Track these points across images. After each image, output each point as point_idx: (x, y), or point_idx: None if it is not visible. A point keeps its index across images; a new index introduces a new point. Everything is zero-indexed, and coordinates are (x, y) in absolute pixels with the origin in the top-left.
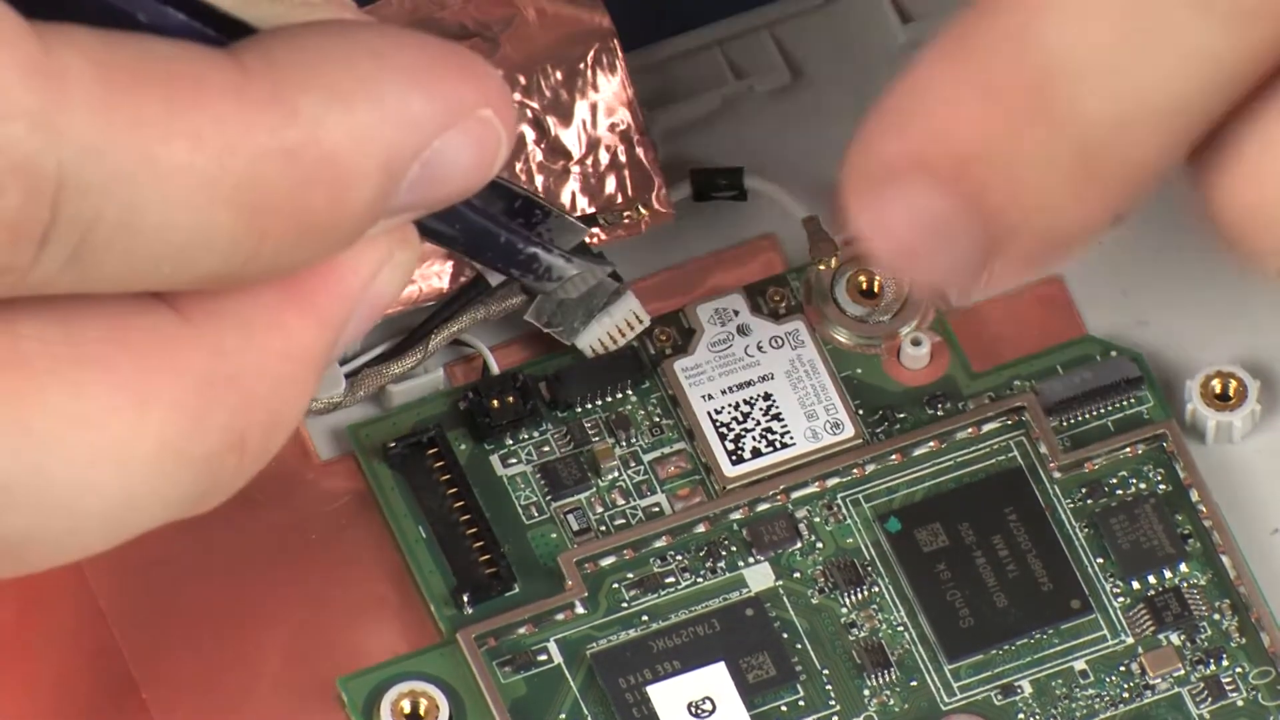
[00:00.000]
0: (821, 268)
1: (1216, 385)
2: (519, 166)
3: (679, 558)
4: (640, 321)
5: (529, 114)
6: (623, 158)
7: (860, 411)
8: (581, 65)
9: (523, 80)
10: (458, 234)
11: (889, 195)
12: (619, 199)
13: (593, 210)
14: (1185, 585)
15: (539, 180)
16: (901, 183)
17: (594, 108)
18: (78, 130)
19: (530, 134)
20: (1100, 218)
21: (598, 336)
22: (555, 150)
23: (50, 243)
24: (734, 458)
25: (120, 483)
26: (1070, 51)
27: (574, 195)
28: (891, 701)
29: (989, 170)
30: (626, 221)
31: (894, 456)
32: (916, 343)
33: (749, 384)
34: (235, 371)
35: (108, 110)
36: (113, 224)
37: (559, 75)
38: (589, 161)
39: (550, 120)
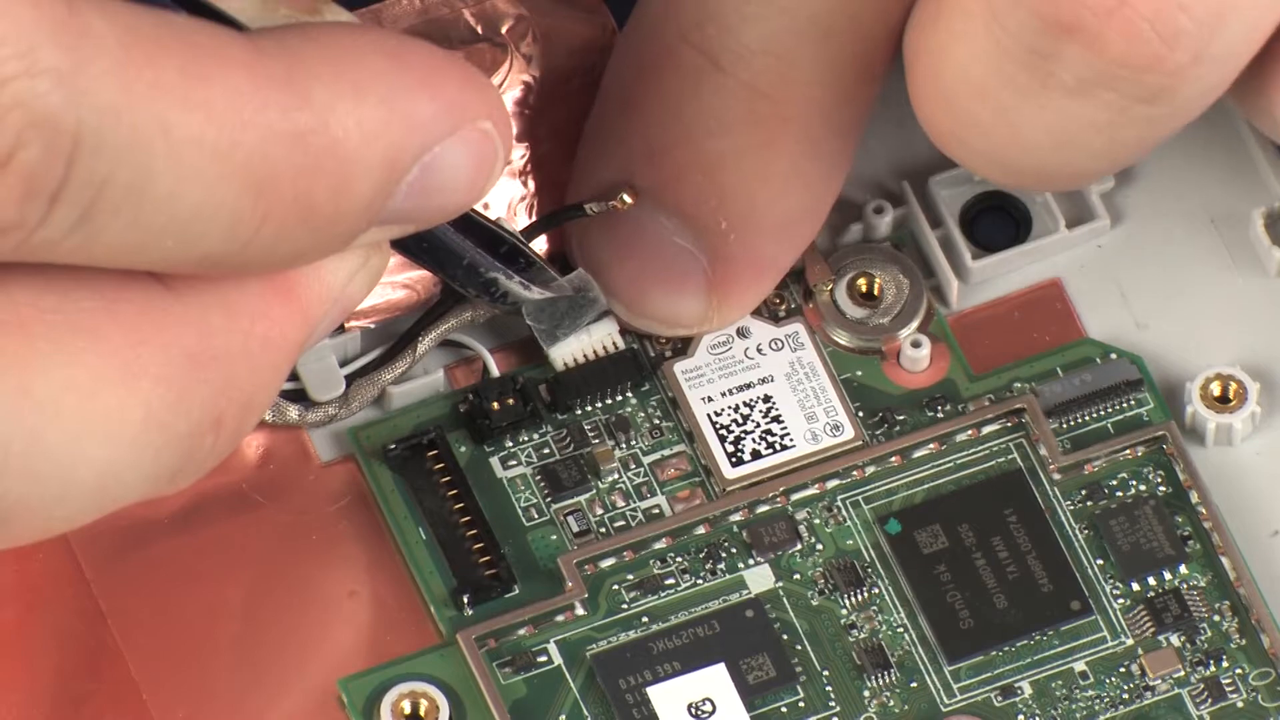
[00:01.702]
0: (825, 288)
1: (1216, 388)
2: (520, 167)
3: (679, 559)
4: (616, 348)
5: (535, 124)
6: None
7: (860, 414)
8: (589, 75)
9: (531, 88)
10: (425, 248)
11: (621, 224)
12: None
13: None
14: (1185, 587)
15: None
16: (637, 209)
17: None
18: (99, 91)
19: (537, 143)
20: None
21: (571, 352)
22: (559, 160)
23: (61, 201)
24: (734, 460)
25: (108, 453)
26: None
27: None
28: (891, 703)
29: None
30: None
31: (894, 458)
32: (916, 345)
33: (749, 386)
34: (219, 352)
35: (128, 74)
36: (123, 188)
37: (566, 83)
38: None
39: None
